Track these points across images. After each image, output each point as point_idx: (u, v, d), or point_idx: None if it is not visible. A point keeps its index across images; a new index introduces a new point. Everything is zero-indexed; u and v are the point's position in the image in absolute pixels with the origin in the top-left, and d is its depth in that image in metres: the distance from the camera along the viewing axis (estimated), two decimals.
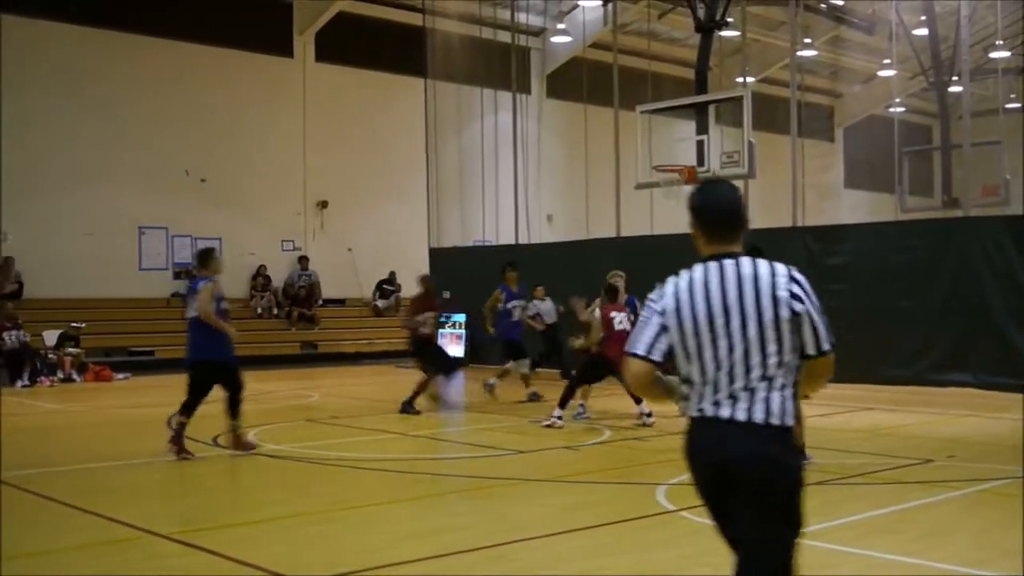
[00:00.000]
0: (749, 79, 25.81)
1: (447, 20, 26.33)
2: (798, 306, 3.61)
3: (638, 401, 12.22)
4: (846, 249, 17.32)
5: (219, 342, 10.20)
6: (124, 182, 24.64)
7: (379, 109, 28.82)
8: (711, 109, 18.78)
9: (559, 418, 12.21)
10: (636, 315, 12.97)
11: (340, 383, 19.62)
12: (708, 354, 3.61)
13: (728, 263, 3.69)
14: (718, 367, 3.60)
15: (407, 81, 28.09)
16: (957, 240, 16.06)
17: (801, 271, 3.89)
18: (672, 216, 22.80)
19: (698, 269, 3.75)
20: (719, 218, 3.78)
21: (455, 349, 23.29)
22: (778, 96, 32.64)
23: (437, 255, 24.69)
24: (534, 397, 15.24)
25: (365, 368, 23.93)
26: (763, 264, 3.68)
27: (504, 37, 25.56)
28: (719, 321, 3.60)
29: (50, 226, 23.51)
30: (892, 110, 33.95)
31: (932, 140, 38.23)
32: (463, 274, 23.68)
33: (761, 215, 22.89)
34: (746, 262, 3.68)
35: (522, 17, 27.37)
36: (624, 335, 12.03)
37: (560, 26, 30.89)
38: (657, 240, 20.41)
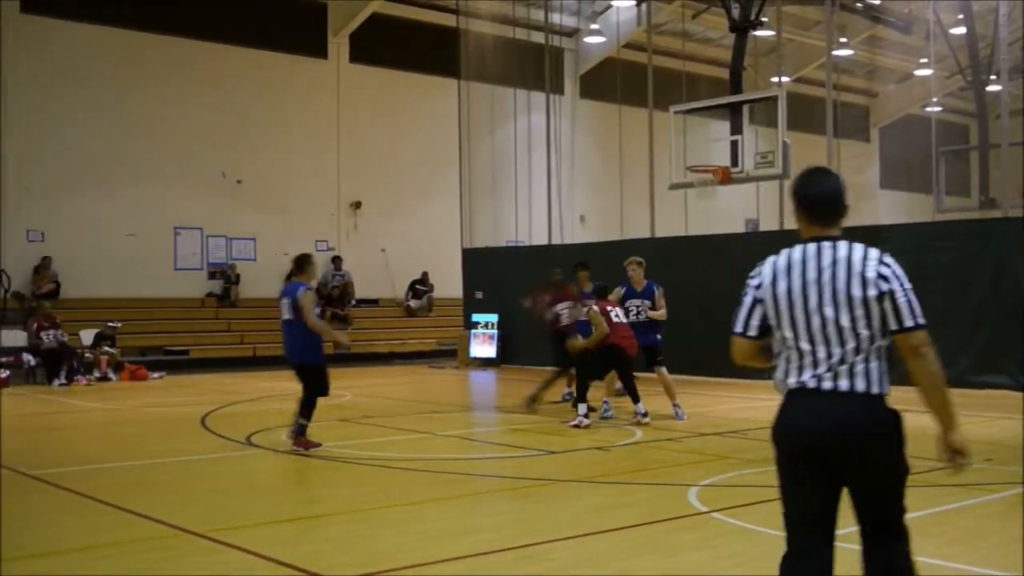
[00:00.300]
0: (784, 79, 25.64)
1: (480, 21, 26.36)
2: (884, 286, 3.83)
3: (636, 400, 12.35)
4: (885, 250, 17.11)
5: (314, 345, 10.68)
6: (160, 183, 24.87)
7: (413, 110, 28.90)
8: (745, 109, 18.68)
9: (585, 416, 12.15)
10: (653, 300, 12.93)
11: (373, 383, 19.67)
12: (802, 328, 3.88)
13: (825, 244, 3.94)
14: (812, 341, 3.86)
15: (440, 82, 28.15)
16: (995, 241, 15.87)
17: None
18: (706, 216, 22.90)
19: (797, 249, 3.99)
20: (820, 205, 4.03)
21: (487, 349, 23.37)
22: (813, 96, 32.40)
23: (470, 255, 24.73)
24: (568, 397, 15.15)
25: (398, 368, 24.00)
26: (858, 247, 3.91)
27: (537, 37, 25.54)
28: (812, 298, 3.87)
29: (87, 226, 23.75)
30: (929, 110, 33.60)
31: (969, 140, 37.81)
32: (495, 275, 23.73)
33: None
34: (842, 245, 3.92)
35: (555, 18, 27.34)
36: (623, 326, 12.49)
37: (594, 26, 30.85)
38: (691, 240, 20.35)
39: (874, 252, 3.93)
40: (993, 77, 28.21)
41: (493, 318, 23.41)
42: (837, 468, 3.96)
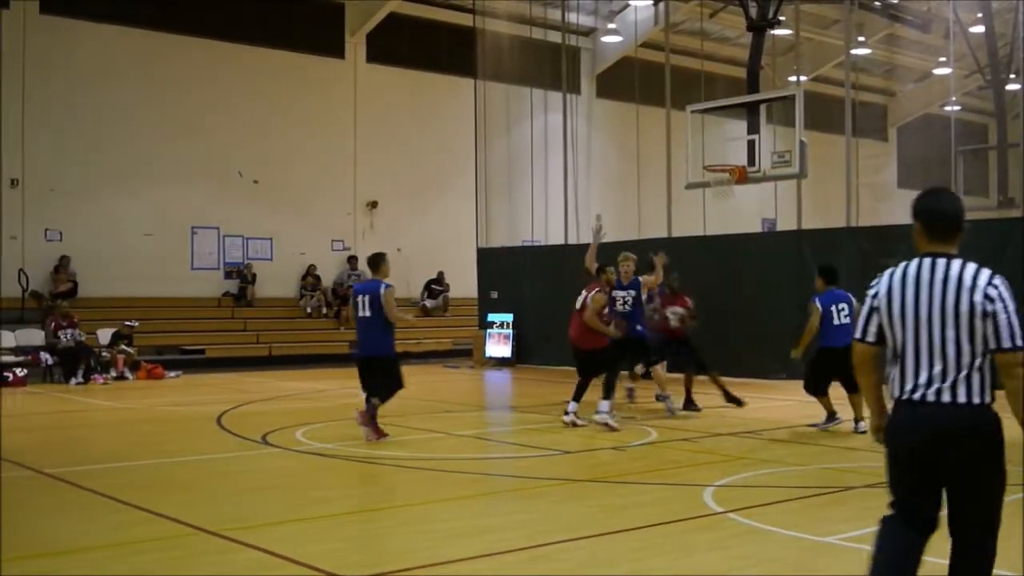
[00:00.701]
0: (801, 78, 25.56)
1: (497, 20, 26.35)
2: (989, 306, 4.08)
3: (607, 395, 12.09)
4: (901, 250, 16.90)
5: (388, 340, 11.29)
6: (177, 183, 24.97)
7: (429, 109, 28.93)
8: (762, 108, 18.62)
9: (608, 414, 12.00)
10: (638, 292, 12.88)
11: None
12: (911, 340, 4.16)
13: (940, 261, 4.21)
14: (920, 352, 4.12)
15: (457, 81, 28.18)
16: (1014, 240, 15.77)
17: (855, 272, 4.15)
18: (723, 216, 22.83)
19: (913, 263, 4.28)
20: (940, 222, 4.33)
21: (502, 349, 23.36)
22: (831, 95, 32.29)
23: (485, 255, 24.73)
24: (630, 394, 14.88)
25: (413, 367, 23.93)
26: (970, 266, 4.17)
27: (554, 37, 25.53)
28: (923, 311, 4.14)
29: (105, 226, 23.87)
30: (947, 109, 33.43)
31: (988, 139, 37.59)
32: (511, 274, 23.73)
33: (814, 216, 22.71)
34: (956, 263, 4.18)
35: (572, 17, 27.31)
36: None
37: (611, 26, 30.81)
38: (708, 240, 20.29)
39: (985, 272, 4.15)
40: (1012, 76, 28.05)
41: (508, 318, 23.40)
42: (940, 473, 4.18)
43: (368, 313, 11.02)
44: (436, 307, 28.39)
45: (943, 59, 32.10)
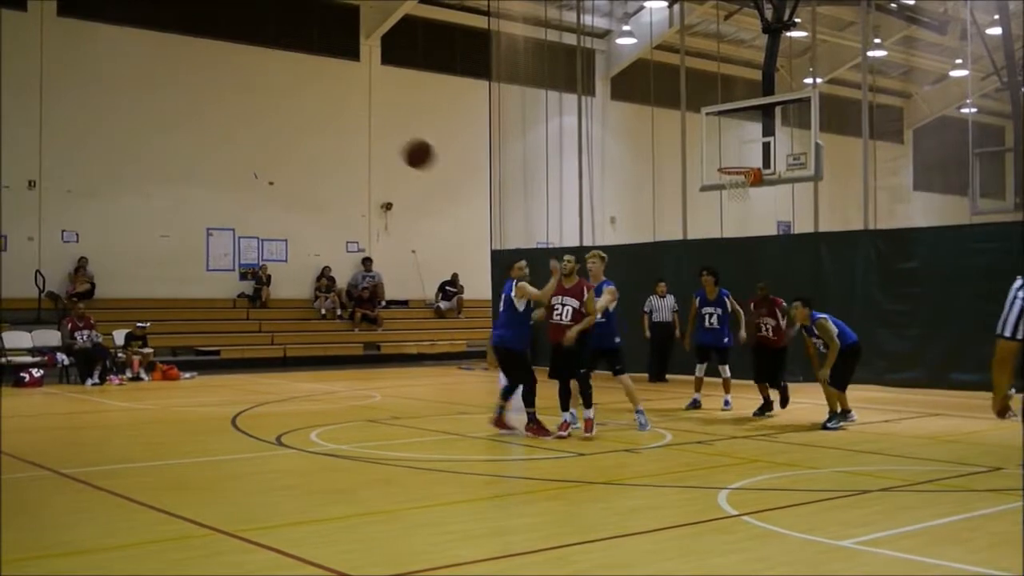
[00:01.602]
0: (817, 80, 25.49)
1: (512, 22, 26.36)
2: None
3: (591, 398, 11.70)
4: (917, 253, 17.00)
5: (520, 335, 11.81)
6: (193, 184, 25.08)
7: (444, 111, 28.95)
8: (778, 111, 18.59)
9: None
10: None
11: (402, 384, 19.71)
12: None
13: None
14: None
15: (472, 83, 28.22)
16: None
17: (872, 275, 4.10)
18: (739, 218, 22.78)
19: None
20: None
21: None
22: (846, 97, 32.19)
23: (500, 257, 24.71)
24: (695, 404, 14.59)
25: (427, 369, 24.03)
26: None
27: (569, 39, 25.53)
28: None
29: (121, 227, 23.99)
30: (964, 111, 33.31)
31: (1005, 141, 37.39)
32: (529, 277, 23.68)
33: (831, 218, 22.64)
34: None
35: (587, 19, 27.31)
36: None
37: (625, 28, 30.79)
38: (724, 243, 20.25)
39: None
40: None
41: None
42: None
43: (502, 308, 11.91)
44: (450, 309, 28.40)
45: (960, 61, 31.97)
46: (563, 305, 11.39)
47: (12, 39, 22.80)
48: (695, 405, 14.41)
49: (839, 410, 12.37)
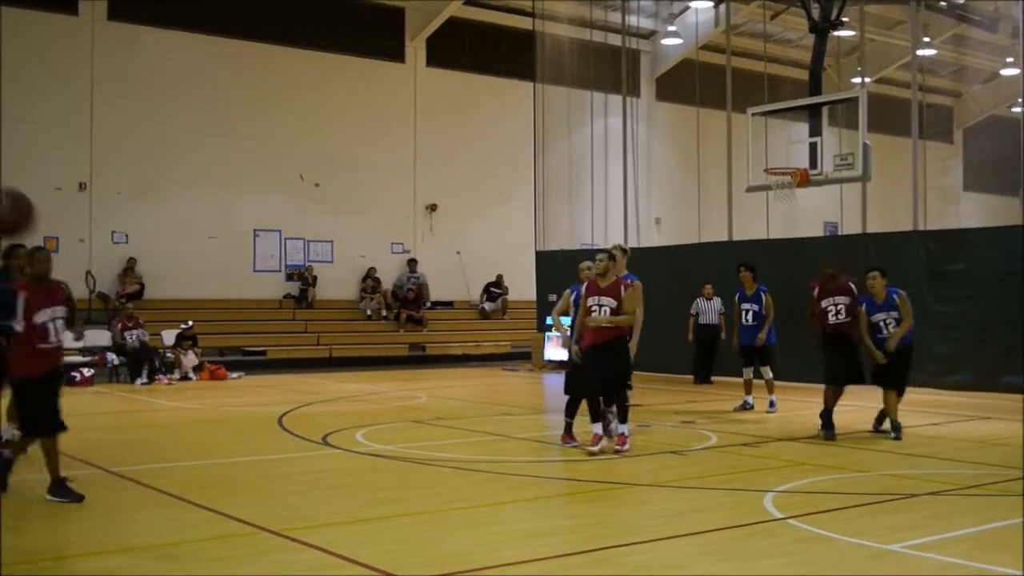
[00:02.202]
0: (865, 79, 25.22)
1: (557, 24, 26.35)
2: None
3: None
4: (968, 254, 16.76)
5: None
6: (240, 186, 25.31)
7: (488, 113, 29.01)
8: (825, 111, 18.39)
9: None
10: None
11: (446, 385, 19.75)
12: None
13: None
14: None
15: (516, 85, 28.23)
16: None
17: (922, 277, 3.93)
18: (785, 219, 22.59)
19: None
20: None
21: (561, 353, 23.30)
22: (895, 97, 31.87)
23: (544, 258, 24.72)
24: (746, 406, 14.41)
25: (471, 370, 24.06)
26: None
27: (614, 40, 25.46)
28: None
29: (169, 228, 24.27)
30: (1016, 110, 32.82)
31: None
32: (569, 278, 23.62)
33: (879, 219, 22.40)
34: None
35: (632, 20, 27.22)
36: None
37: (671, 28, 30.66)
38: (772, 244, 20.09)
39: None
40: None
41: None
42: None
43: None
44: (495, 310, 28.44)
45: (1011, 59, 31.52)
46: (599, 306, 10.49)
47: (63, 43, 23.18)
48: (745, 407, 14.28)
49: (894, 418, 11.52)
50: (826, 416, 11.69)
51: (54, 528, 7.26)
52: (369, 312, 26.59)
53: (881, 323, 11.54)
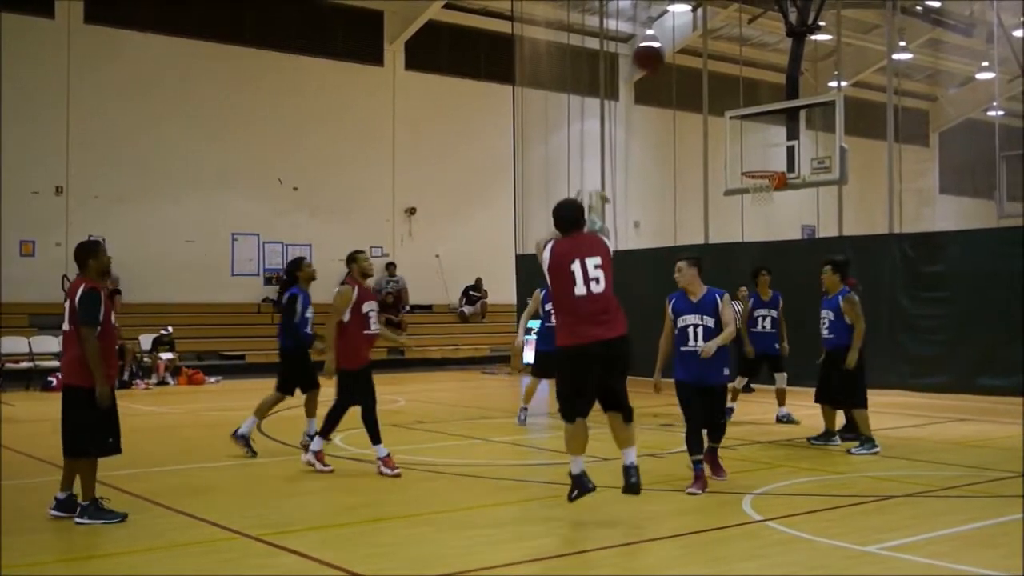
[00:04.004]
0: (842, 83, 25.36)
1: (535, 27, 26.36)
2: None
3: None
4: (944, 256, 16.89)
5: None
6: (218, 189, 25.21)
7: (467, 116, 29.00)
8: (802, 114, 18.50)
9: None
10: None
11: (426, 388, 19.73)
12: None
13: None
14: None
15: (495, 88, 28.25)
16: None
17: (898, 279, 3.91)
18: (763, 223, 22.68)
19: None
20: None
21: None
22: (872, 100, 32.02)
23: (523, 261, 24.72)
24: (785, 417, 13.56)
25: (451, 374, 24.05)
26: None
27: (592, 43, 25.51)
28: None
29: (147, 232, 24.13)
30: (991, 114, 33.06)
31: None
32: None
33: (856, 222, 22.51)
34: None
35: (611, 23, 27.28)
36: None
37: (649, 32, 30.72)
38: (747, 247, 20.17)
39: None
40: None
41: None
42: None
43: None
44: (474, 313, 28.43)
45: (986, 64, 31.74)
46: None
47: (39, 46, 23.02)
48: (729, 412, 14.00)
49: (853, 431, 11.02)
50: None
51: (31, 535, 7.20)
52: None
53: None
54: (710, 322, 8.72)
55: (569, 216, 7.87)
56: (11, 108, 22.33)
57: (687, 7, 28.05)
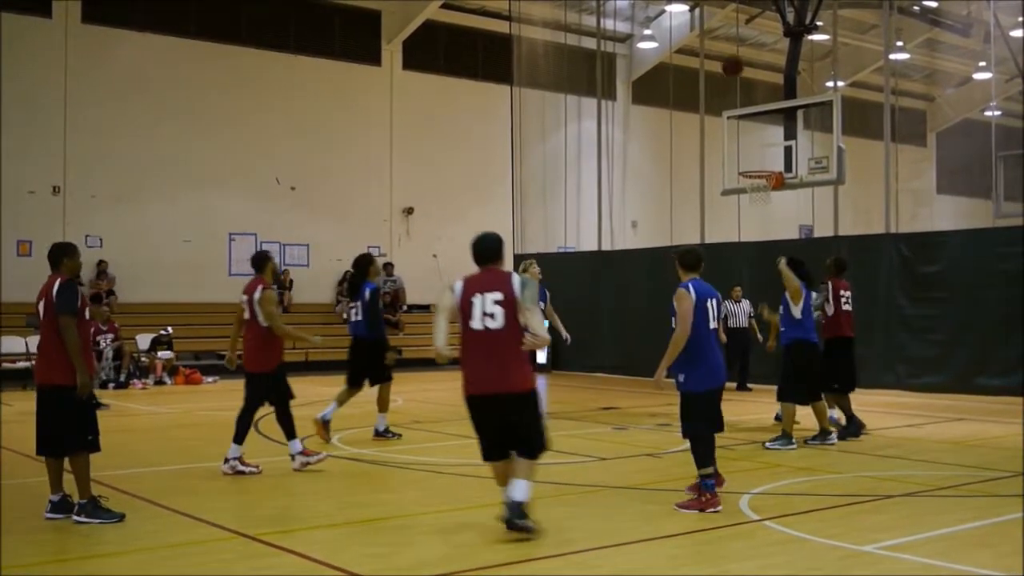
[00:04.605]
0: (839, 83, 25.38)
1: (533, 27, 26.38)
2: None
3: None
4: (941, 256, 16.91)
5: None
6: (216, 189, 25.20)
7: (465, 116, 29.00)
8: (800, 114, 18.51)
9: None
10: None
11: (424, 388, 19.73)
12: None
13: None
14: None
15: (493, 88, 28.24)
16: None
17: (895, 279, 3.91)
18: (760, 223, 22.69)
19: None
20: None
21: (538, 356, 23.31)
22: (869, 100, 32.07)
23: (521, 261, 24.71)
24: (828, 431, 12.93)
25: (448, 373, 24.00)
26: None
27: (590, 43, 25.52)
28: None
29: (144, 232, 24.12)
30: (988, 114, 33.09)
31: None
32: (547, 281, 23.67)
33: (853, 222, 22.55)
34: None
35: (608, 23, 27.30)
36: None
37: (646, 32, 30.75)
38: (742, 247, 20.19)
39: None
40: None
41: (544, 324, 23.37)
42: None
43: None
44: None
45: (983, 64, 31.75)
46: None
47: (36, 45, 23.01)
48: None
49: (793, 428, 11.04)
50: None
51: (30, 535, 7.19)
52: (346, 316, 26.47)
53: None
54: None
55: (482, 249, 7.60)
56: (8, 108, 22.32)
57: (684, 7, 28.07)
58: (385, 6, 27.88)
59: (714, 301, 8.13)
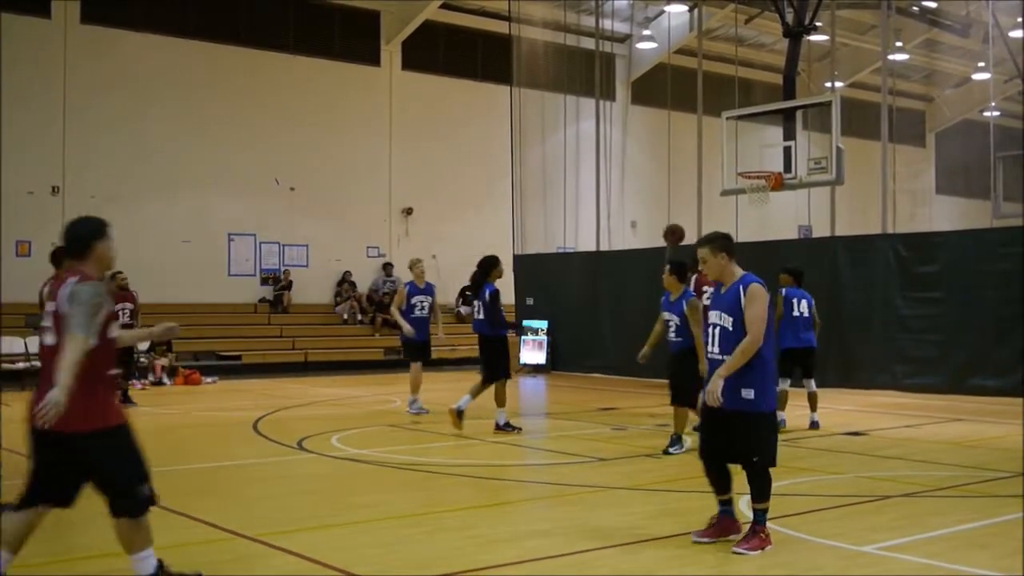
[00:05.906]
0: (838, 84, 25.40)
1: (532, 27, 26.39)
2: None
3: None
4: (939, 257, 16.91)
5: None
6: (215, 190, 25.21)
7: (464, 117, 29.01)
8: (799, 115, 18.52)
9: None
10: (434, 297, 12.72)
11: (423, 388, 19.70)
12: None
13: None
14: None
15: (492, 89, 28.25)
16: None
17: (892, 279, 3.89)
18: (760, 223, 22.67)
19: None
20: None
21: (537, 356, 23.36)
22: (868, 101, 32.08)
23: (520, 262, 24.73)
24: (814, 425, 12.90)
25: (447, 374, 24.02)
26: None
27: (589, 44, 25.53)
28: None
29: (143, 232, 24.08)
30: (987, 114, 33.12)
31: None
32: (546, 281, 23.72)
33: (850, 222, 22.55)
34: None
35: (607, 24, 27.31)
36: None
37: (645, 32, 30.76)
38: (741, 247, 20.16)
39: None
40: None
41: (543, 324, 23.40)
42: None
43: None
44: (470, 314, 28.37)
45: (982, 64, 31.78)
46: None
47: (36, 46, 23.00)
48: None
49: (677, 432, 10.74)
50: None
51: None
52: (345, 316, 26.52)
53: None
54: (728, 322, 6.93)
55: (68, 240, 5.74)
56: (7, 108, 22.29)
57: (683, 7, 28.09)
58: (384, 6, 27.88)
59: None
